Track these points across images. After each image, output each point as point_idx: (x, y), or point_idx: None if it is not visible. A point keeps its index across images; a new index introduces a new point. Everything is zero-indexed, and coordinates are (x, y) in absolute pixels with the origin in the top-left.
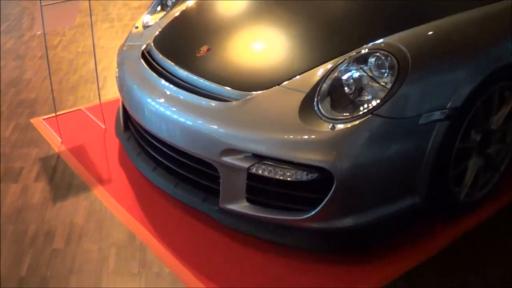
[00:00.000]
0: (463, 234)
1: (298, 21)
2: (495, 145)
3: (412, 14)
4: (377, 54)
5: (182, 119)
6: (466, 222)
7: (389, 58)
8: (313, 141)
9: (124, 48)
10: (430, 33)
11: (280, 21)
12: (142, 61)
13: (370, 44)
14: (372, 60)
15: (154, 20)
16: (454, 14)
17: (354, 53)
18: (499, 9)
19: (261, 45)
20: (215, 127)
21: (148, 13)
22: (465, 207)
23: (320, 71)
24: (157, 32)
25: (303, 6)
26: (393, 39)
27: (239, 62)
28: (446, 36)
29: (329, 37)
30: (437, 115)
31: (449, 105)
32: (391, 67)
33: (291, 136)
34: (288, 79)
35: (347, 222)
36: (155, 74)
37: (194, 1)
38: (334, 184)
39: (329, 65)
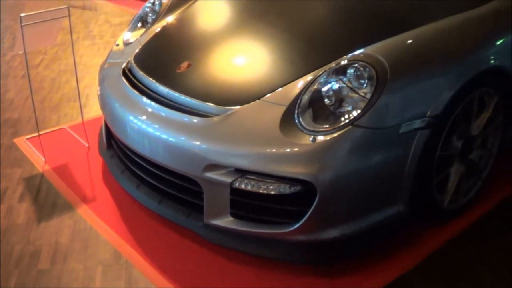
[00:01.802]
0: (450, 240)
1: (278, 34)
2: (477, 151)
3: (392, 23)
4: (356, 65)
5: (164, 136)
6: (452, 228)
7: (367, 69)
8: (294, 154)
9: (105, 65)
10: (409, 42)
11: (260, 35)
12: (123, 78)
13: (349, 55)
14: (351, 71)
15: (134, 37)
16: (432, 21)
17: (333, 65)
18: (477, 15)
19: (241, 60)
20: (197, 143)
21: (128, 30)
22: (449, 213)
23: (300, 83)
24: (137, 50)
25: (283, 19)
26: (372, 49)
27: (220, 77)
28: (424, 44)
29: (309, 49)
30: (417, 123)
31: (429, 113)
32: (370, 78)
33: (273, 150)
34: (269, 93)
35: (332, 233)
36: (136, 92)
37: (174, 17)
38: (317, 196)
39: (309, 77)
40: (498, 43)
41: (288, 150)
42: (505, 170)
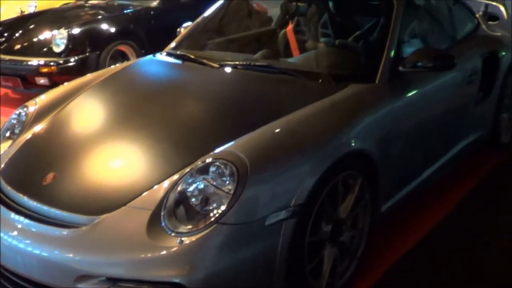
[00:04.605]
0: None
1: (143, 137)
2: (348, 232)
3: (255, 116)
4: (217, 163)
5: (36, 251)
6: None
7: (228, 166)
8: (163, 257)
9: None
10: (270, 134)
11: (124, 140)
12: None
13: (212, 153)
14: (213, 169)
15: (2, 149)
16: (294, 111)
17: (199, 163)
18: (335, 100)
19: (106, 166)
20: (68, 255)
21: None
22: None
23: (165, 184)
24: (3, 163)
25: (147, 122)
26: (233, 146)
27: (86, 185)
28: (285, 134)
29: (174, 149)
30: (282, 214)
31: (293, 202)
32: (231, 175)
33: (142, 256)
34: (135, 198)
35: None
36: (4, 208)
37: (40, 127)
38: None
39: (174, 177)
40: (357, 126)
41: (157, 254)
42: (381, 245)
